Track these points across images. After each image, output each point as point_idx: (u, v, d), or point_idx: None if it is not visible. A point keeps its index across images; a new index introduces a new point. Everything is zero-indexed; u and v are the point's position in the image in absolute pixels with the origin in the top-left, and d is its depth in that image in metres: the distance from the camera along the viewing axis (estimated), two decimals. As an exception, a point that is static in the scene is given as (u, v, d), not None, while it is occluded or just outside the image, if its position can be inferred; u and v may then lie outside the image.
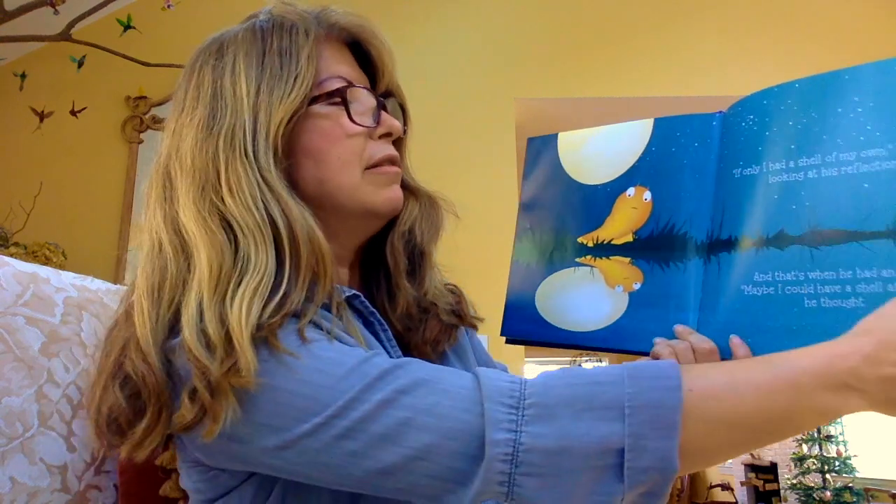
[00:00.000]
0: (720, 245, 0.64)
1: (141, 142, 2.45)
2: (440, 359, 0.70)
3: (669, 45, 2.57)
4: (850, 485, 5.33)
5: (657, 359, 0.64)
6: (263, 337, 0.51)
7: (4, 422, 0.63)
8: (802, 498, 5.49)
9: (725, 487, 7.61)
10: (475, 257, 2.38)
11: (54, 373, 0.68)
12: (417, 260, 0.70)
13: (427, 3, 2.61)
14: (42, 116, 2.43)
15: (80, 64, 2.40)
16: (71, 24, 2.26)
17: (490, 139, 2.45)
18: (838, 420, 5.97)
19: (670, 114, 0.71)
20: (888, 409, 0.46)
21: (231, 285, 0.53)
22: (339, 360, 0.51)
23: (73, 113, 2.44)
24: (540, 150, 0.80)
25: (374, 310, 0.62)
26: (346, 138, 0.62)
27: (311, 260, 0.56)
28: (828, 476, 5.47)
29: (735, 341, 0.61)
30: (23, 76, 2.45)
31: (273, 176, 0.57)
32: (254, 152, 0.57)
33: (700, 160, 0.67)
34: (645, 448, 0.45)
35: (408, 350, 0.66)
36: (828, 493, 5.31)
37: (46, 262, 2.20)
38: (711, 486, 7.92)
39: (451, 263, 0.82)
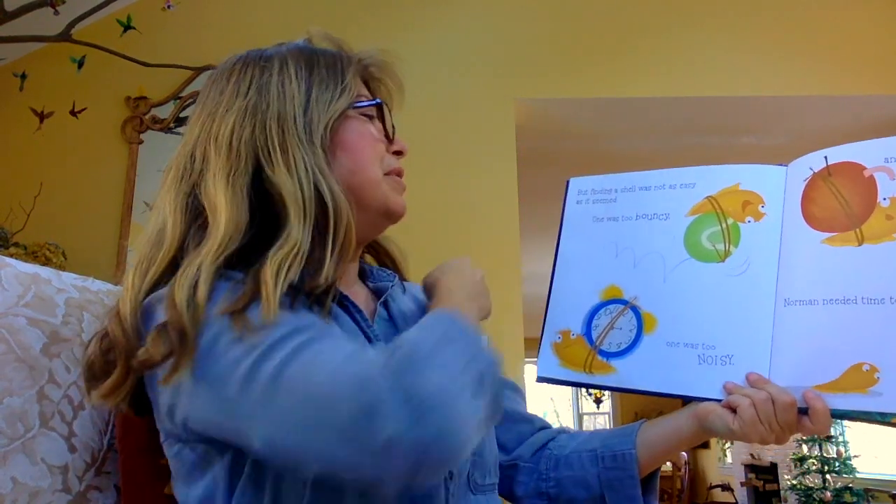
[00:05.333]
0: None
1: (141, 142, 2.45)
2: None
3: (670, 45, 2.56)
4: (850, 485, 5.33)
5: (733, 409, 0.66)
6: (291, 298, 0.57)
7: (6, 422, 0.63)
8: (802, 498, 5.49)
9: (725, 488, 7.61)
10: (475, 256, 2.38)
11: (55, 373, 0.69)
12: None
13: (427, 3, 2.61)
14: (42, 116, 2.43)
15: (80, 64, 2.40)
16: (71, 25, 2.27)
17: (490, 139, 2.45)
18: (838, 421, 5.95)
19: (670, 114, 0.75)
20: (480, 308, 0.70)
21: (266, 251, 0.59)
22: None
23: (73, 113, 2.44)
24: None
25: (346, 294, 0.68)
26: (375, 141, 0.71)
27: (347, 240, 0.63)
28: (828, 476, 5.47)
29: (810, 395, 0.64)
30: (23, 76, 2.46)
31: (325, 166, 0.64)
32: (309, 140, 0.65)
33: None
34: (476, 354, 0.52)
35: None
36: (828, 494, 5.31)
37: (46, 262, 2.20)
38: (711, 487, 7.92)
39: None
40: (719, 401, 0.68)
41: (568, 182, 0.87)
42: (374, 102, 0.72)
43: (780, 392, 0.64)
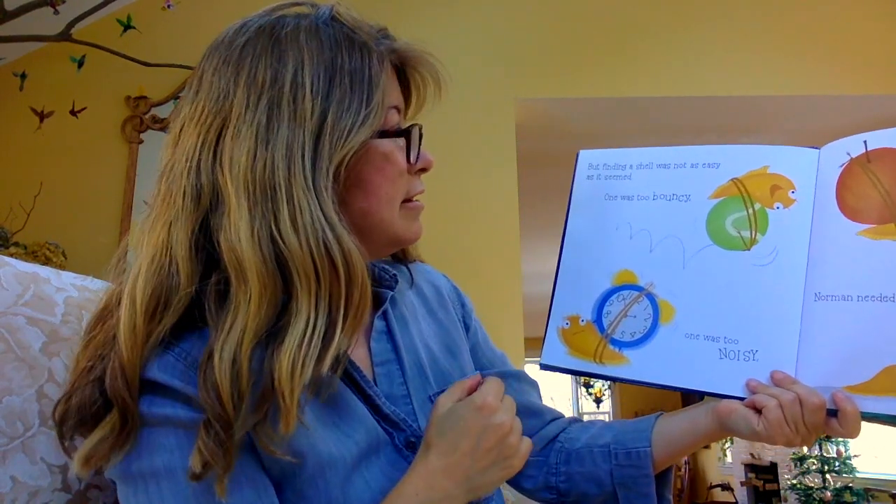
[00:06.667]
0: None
1: (141, 142, 2.45)
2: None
3: (670, 45, 2.56)
4: (850, 485, 5.33)
5: (757, 409, 0.62)
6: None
7: (5, 421, 0.63)
8: (802, 498, 5.49)
9: (725, 487, 7.61)
10: (476, 256, 2.38)
11: (55, 372, 0.68)
12: None
13: (427, 3, 2.61)
14: (42, 116, 2.43)
15: (80, 64, 2.40)
16: (71, 24, 2.26)
17: (490, 139, 2.45)
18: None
19: (670, 114, 0.72)
20: (474, 494, 0.57)
21: (276, 332, 0.51)
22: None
23: (73, 113, 2.44)
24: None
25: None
26: (397, 176, 0.61)
27: (363, 303, 0.54)
28: (828, 476, 5.47)
29: (840, 396, 0.60)
30: (23, 76, 2.46)
31: (333, 213, 0.53)
32: (314, 181, 0.53)
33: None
34: None
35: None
36: (828, 494, 5.31)
37: (46, 262, 2.19)
38: (711, 487, 7.92)
39: (452, 261, 0.82)
40: (741, 398, 0.64)
41: (578, 154, 0.80)
42: (402, 132, 0.61)
43: (809, 393, 0.60)
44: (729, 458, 7.81)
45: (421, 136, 0.64)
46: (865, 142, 0.65)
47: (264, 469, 0.54)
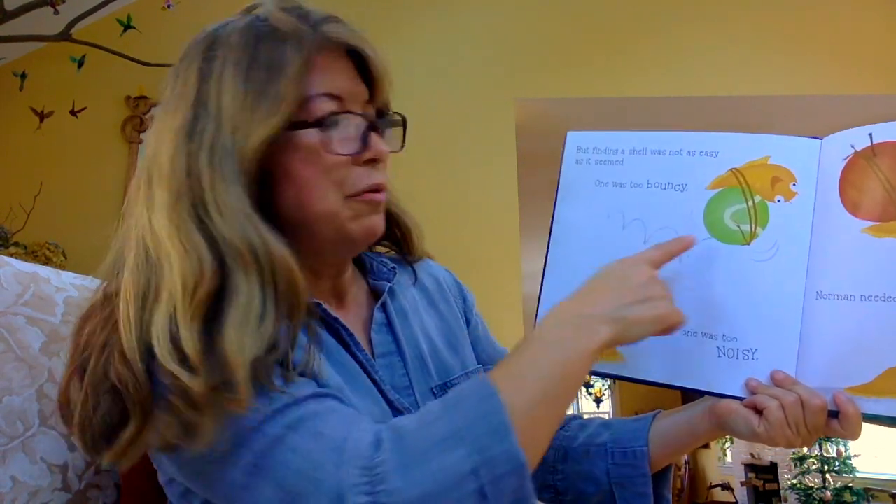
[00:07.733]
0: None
1: (141, 142, 2.45)
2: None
3: (670, 45, 2.57)
4: (850, 485, 5.32)
5: (758, 410, 0.61)
6: (258, 375, 0.51)
7: (5, 421, 0.63)
8: (802, 498, 5.48)
9: (725, 487, 7.60)
10: (475, 256, 2.38)
11: (55, 372, 0.69)
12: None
13: (427, 2, 2.61)
14: (42, 116, 2.43)
15: (80, 64, 2.40)
16: (71, 24, 2.26)
17: (490, 139, 2.45)
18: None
19: (670, 114, 0.71)
20: (625, 325, 0.55)
21: (217, 307, 0.51)
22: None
23: (73, 113, 2.44)
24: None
25: (336, 316, 0.62)
26: (330, 167, 0.59)
27: (289, 294, 0.54)
28: (828, 476, 5.46)
29: (842, 398, 0.59)
30: (23, 76, 2.45)
31: (249, 207, 0.55)
32: (232, 176, 0.55)
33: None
34: (492, 458, 0.46)
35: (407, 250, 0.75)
36: (828, 493, 5.30)
37: (46, 262, 2.19)
38: (711, 486, 7.91)
39: (452, 261, 0.82)
40: (740, 398, 0.62)
41: (566, 135, 0.75)
42: (317, 122, 0.58)
43: (811, 394, 0.59)
44: (729, 458, 7.80)
45: (374, 126, 0.61)
46: (871, 134, 0.62)
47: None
